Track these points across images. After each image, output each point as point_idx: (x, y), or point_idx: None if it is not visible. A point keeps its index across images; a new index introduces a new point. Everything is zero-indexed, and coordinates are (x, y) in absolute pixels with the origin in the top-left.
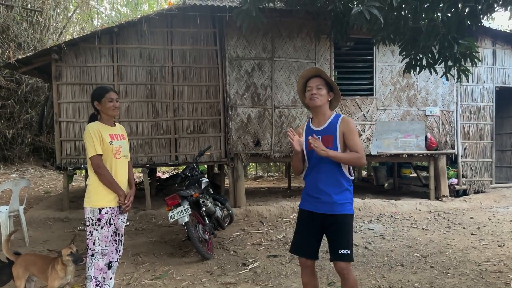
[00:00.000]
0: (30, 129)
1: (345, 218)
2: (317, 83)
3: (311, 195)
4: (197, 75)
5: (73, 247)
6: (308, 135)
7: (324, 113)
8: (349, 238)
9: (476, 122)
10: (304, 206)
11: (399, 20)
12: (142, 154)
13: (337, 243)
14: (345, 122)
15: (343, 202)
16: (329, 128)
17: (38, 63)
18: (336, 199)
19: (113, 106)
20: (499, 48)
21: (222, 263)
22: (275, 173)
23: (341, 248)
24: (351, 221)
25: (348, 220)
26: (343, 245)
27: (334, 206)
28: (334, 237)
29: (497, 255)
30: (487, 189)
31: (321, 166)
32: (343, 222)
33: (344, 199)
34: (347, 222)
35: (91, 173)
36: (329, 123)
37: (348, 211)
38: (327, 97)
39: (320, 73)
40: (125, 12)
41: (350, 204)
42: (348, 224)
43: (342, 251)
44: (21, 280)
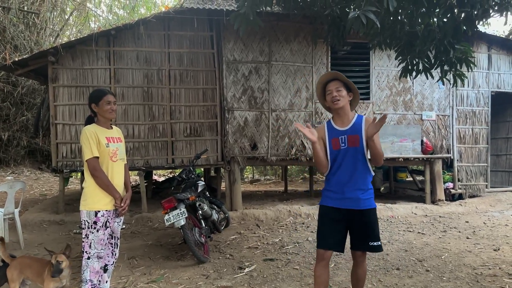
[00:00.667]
0: (26, 132)
1: (373, 212)
2: (336, 86)
3: (335, 191)
4: (194, 78)
5: (63, 257)
6: (332, 135)
7: (347, 113)
8: (377, 230)
9: (471, 126)
10: (328, 203)
11: (395, 25)
12: (139, 157)
13: (367, 236)
14: (368, 122)
15: (368, 197)
16: (354, 128)
17: (35, 65)
18: (361, 196)
19: (111, 109)
20: (495, 53)
21: (218, 267)
22: (271, 176)
23: (371, 240)
24: (376, 214)
25: (375, 214)
26: (373, 238)
27: (361, 202)
28: (364, 230)
29: (493, 259)
30: (482, 193)
31: (348, 161)
32: (370, 216)
33: (368, 195)
34: (374, 216)
35: (88, 176)
36: (354, 123)
37: (374, 205)
38: (347, 98)
39: (337, 76)
40: (122, 15)
41: (373, 199)
42: (375, 217)
43: (373, 243)
44: (15, 283)
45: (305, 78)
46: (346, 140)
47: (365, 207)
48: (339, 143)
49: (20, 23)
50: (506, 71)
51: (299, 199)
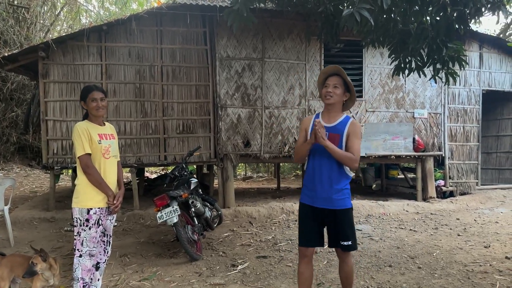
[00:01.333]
0: (15, 128)
1: (346, 212)
2: (335, 82)
3: (309, 188)
4: (187, 74)
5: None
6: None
7: (336, 111)
8: (351, 229)
9: (463, 124)
10: (304, 200)
11: (388, 23)
12: (131, 154)
13: (338, 235)
14: (353, 125)
15: (341, 198)
16: (338, 127)
17: (25, 61)
18: (334, 196)
19: (97, 106)
20: (486, 51)
21: (211, 264)
22: (264, 173)
23: (343, 240)
24: (351, 213)
25: (349, 214)
26: (345, 237)
27: (334, 202)
28: (336, 230)
29: (483, 256)
30: (473, 190)
31: (324, 161)
32: (343, 216)
33: (342, 195)
34: (348, 216)
35: (80, 173)
36: (339, 122)
37: (348, 205)
38: (341, 97)
39: (340, 72)
40: (114, 11)
41: (348, 199)
42: (348, 217)
43: (344, 242)
44: (5, 281)
45: (298, 75)
46: (328, 137)
47: (338, 207)
48: None
49: (9, 17)
50: (497, 69)
51: (291, 196)
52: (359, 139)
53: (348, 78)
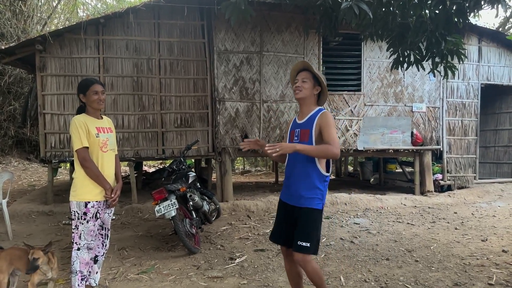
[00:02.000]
0: (13, 121)
1: (310, 212)
2: (303, 76)
3: (285, 185)
4: (184, 68)
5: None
6: (292, 127)
7: (308, 106)
8: (311, 231)
9: (461, 118)
10: (281, 196)
11: (387, 16)
12: (128, 148)
13: (297, 234)
14: (322, 116)
15: (310, 197)
16: (308, 122)
17: (22, 54)
18: (303, 194)
19: (98, 99)
20: (485, 45)
21: (209, 257)
22: (262, 167)
23: (300, 240)
24: (317, 216)
25: (314, 215)
26: (302, 237)
27: (302, 200)
28: (297, 228)
29: (480, 250)
30: (471, 184)
31: (296, 158)
32: (307, 215)
33: (312, 194)
34: (312, 217)
35: (77, 166)
36: (309, 117)
37: (315, 205)
38: (311, 91)
39: (307, 66)
40: (111, 3)
41: (318, 200)
42: (312, 218)
43: (301, 243)
44: (4, 274)
45: None
46: (299, 134)
47: (305, 206)
48: (293, 136)
49: (6, 10)
50: (496, 63)
51: None
52: (332, 127)
53: (317, 71)
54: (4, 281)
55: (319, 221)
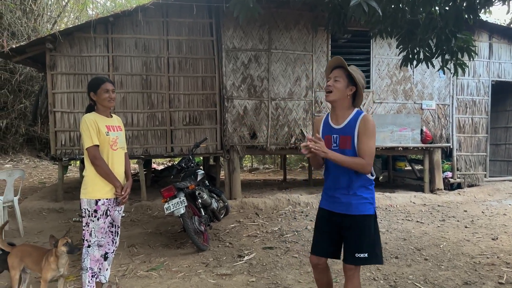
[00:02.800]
0: (24, 119)
1: (363, 219)
2: (336, 75)
3: (329, 194)
4: (193, 66)
5: (68, 238)
6: (325, 132)
7: (343, 109)
8: (368, 240)
9: (471, 116)
10: (323, 205)
11: (396, 13)
12: (138, 146)
13: (354, 245)
14: (363, 121)
15: (361, 202)
16: (347, 127)
17: (32, 52)
18: (352, 200)
19: (109, 97)
20: (496, 42)
21: (217, 255)
22: (270, 165)
23: (357, 251)
24: (370, 222)
25: (367, 221)
26: (360, 248)
27: (351, 207)
28: (351, 238)
29: (491, 248)
30: (481, 182)
31: (340, 168)
32: (360, 223)
33: (363, 199)
34: (365, 224)
35: (88, 164)
36: (348, 121)
37: (366, 211)
38: (344, 92)
39: (340, 63)
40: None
41: (370, 204)
42: (366, 225)
43: (359, 254)
44: (16, 270)
45: (305, 66)
46: (338, 140)
47: (357, 213)
48: (331, 142)
49: (17, 9)
50: (507, 60)
51: (298, 188)
52: (371, 138)
53: (354, 68)
54: (16, 277)
55: (371, 228)
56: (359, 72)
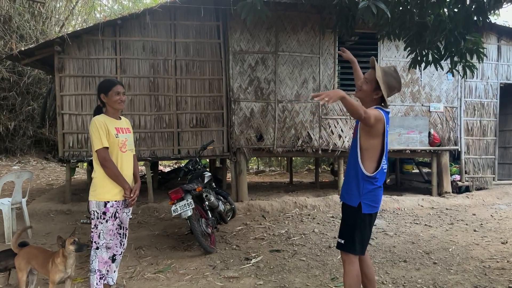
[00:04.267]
0: (32, 121)
1: (346, 208)
2: (366, 76)
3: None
4: (200, 68)
5: (75, 237)
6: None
7: (366, 105)
8: (345, 227)
9: (479, 118)
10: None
11: (405, 15)
12: (145, 148)
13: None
14: None
15: (347, 192)
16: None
17: (41, 55)
18: (344, 189)
19: (120, 100)
20: (504, 44)
21: (225, 257)
22: (276, 167)
23: (338, 236)
24: (351, 212)
25: (348, 211)
26: (339, 232)
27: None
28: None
29: (500, 252)
30: (489, 185)
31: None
32: (344, 211)
33: (350, 190)
34: (347, 213)
35: (97, 166)
36: None
37: (349, 202)
38: (370, 94)
39: (372, 65)
40: (127, 5)
41: (354, 196)
42: (347, 214)
43: (338, 239)
44: (23, 272)
45: (312, 68)
46: (355, 127)
47: (343, 200)
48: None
49: (25, 12)
50: None
51: (304, 191)
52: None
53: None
54: (23, 278)
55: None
56: (397, 79)
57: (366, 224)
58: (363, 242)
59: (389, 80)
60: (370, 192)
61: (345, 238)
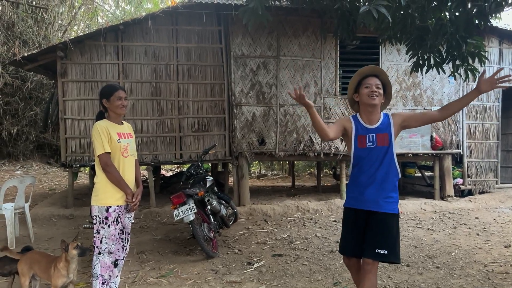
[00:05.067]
0: (34, 126)
1: (386, 217)
2: (377, 83)
3: (358, 192)
4: (202, 73)
5: (78, 242)
6: (359, 132)
7: (377, 112)
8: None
9: (482, 122)
10: (349, 204)
11: (406, 19)
12: (147, 152)
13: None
14: (395, 114)
15: (390, 201)
16: (383, 126)
17: (44, 60)
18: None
19: (121, 105)
20: (506, 47)
21: (227, 262)
22: (278, 171)
23: (379, 248)
24: (393, 221)
25: (390, 220)
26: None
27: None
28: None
29: (504, 256)
30: (492, 189)
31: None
32: (384, 221)
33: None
34: (389, 222)
35: (99, 171)
36: (382, 121)
37: (390, 210)
38: (382, 98)
39: (380, 73)
40: (129, 10)
41: (394, 203)
42: (389, 224)
43: (379, 250)
44: (25, 277)
45: (314, 73)
46: (375, 138)
47: (385, 210)
48: (365, 141)
49: (28, 18)
50: None
51: (306, 195)
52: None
53: (388, 79)
54: (26, 283)
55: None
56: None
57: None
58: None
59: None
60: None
61: (389, 248)
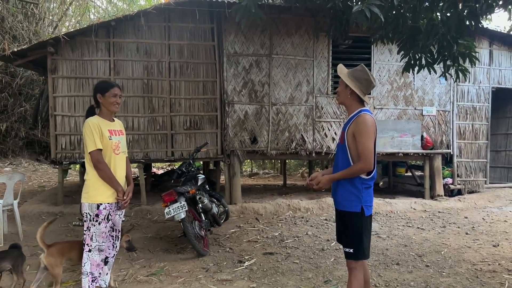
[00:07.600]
0: (24, 123)
1: (348, 215)
2: (339, 80)
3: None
4: (194, 70)
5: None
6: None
7: (350, 108)
8: (352, 235)
9: (472, 122)
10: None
11: (398, 19)
12: (138, 150)
13: (342, 240)
14: (356, 121)
15: (345, 199)
16: (345, 123)
17: (34, 56)
18: (338, 196)
19: (116, 102)
20: (496, 48)
21: (218, 260)
22: (270, 170)
23: (344, 246)
24: (355, 219)
25: (352, 218)
26: (344, 242)
27: (339, 202)
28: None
29: (492, 255)
30: (481, 189)
31: (336, 160)
32: (344, 218)
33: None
34: (350, 220)
35: (90, 168)
36: (349, 118)
37: (350, 208)
38: (345, 93)
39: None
40: (121, 7)
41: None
42: (350, 221)
43: (344, 249)
44: (59, 267)
45: (306, 71)
46: (340, 134)
47: (341, 208)
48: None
49: (18, 13)
50: (507, 67)
51: (298, 193)
52: (363, 135)
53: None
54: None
55: (355, 225)
56: (363, 71)
57: (369, 227)
58: (369, 245)
59: (355, 74)
60: (368, 194)
61: (353, 246)
